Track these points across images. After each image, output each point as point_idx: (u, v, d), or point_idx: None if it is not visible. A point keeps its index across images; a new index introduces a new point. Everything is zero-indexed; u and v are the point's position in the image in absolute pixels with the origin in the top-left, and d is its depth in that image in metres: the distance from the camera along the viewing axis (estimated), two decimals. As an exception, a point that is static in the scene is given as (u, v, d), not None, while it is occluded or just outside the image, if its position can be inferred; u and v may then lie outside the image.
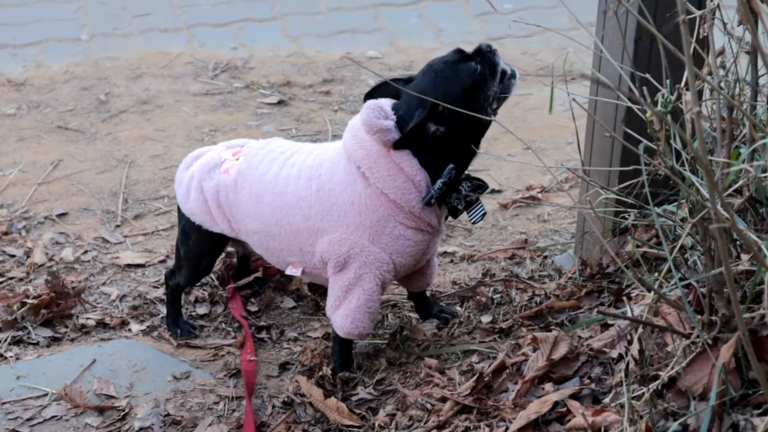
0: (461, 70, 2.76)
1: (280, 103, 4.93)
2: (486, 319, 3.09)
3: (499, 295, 3.22)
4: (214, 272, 3.54)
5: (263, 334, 3.30)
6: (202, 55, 5.41)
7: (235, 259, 3.57)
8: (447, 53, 2.84)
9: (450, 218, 2.95)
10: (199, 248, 3.19)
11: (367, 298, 2.88)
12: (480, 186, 2.87)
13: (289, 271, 3.02)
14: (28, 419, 2.93)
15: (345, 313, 2.91)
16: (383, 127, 2.75)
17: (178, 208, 3.21)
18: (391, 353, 3.05)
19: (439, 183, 2.79)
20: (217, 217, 3.08)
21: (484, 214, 2.91)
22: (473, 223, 2.94)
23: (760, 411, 2.06)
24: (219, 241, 3.18)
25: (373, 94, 2.92)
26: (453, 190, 2.84)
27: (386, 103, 2.85)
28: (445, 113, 2.74)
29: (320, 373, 2.97)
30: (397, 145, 2.76)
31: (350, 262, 2.85)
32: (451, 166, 2.79)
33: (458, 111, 2.66)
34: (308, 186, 2.90)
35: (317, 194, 2.88)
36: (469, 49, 2.84)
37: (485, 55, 2.80)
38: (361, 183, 2.81)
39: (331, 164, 2.89)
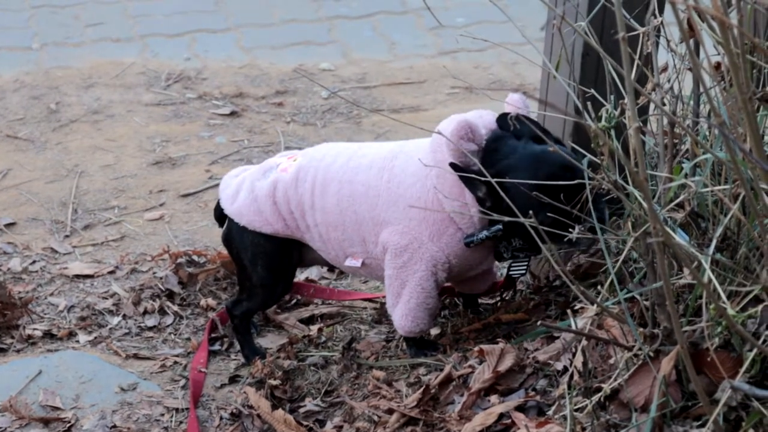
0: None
1: (232, 114, 4.92)
2: (434, 331, 3.10)
3: (446, 309, 3.23)
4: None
5: (216, 346, 3.28)
6: (155, 66, 5.39)
7: None
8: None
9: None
10: (271, 270, 3.08)
11: (425, 295, 2.84)
12: (532, 249, 2.79)
13: (348, 263, 2.95)
14: (-28, 431, 2.91)
15: (404, 312, 2.87)
16: (462, 149, 2.68)
17: (229, 235, 3.09)
18: (340, 365, 3.05)
19: (483, 233, 2.75)
20: (269, 215, 2.97)
21: (524, 273, 2.90)
22: (512, 277, 2.95)
23: (700, 423, 2.09)
24: (287, 252, 3.06)
25: (506, 122, 2.75)
26: (504, 240, 2.79)
27: (488, 118, 2.78)
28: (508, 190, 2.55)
29: (270, 383, 2.97)
30: (463, 179, 2.69)
31: (407, 254, 2.81)
32: (499, 226, 2.72)
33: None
34: (379, 176, 2.85)
35: (387, 185, 2.84)
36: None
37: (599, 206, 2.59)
38: (432, 180, 2.77)
39: (407, 157, 2.84)
